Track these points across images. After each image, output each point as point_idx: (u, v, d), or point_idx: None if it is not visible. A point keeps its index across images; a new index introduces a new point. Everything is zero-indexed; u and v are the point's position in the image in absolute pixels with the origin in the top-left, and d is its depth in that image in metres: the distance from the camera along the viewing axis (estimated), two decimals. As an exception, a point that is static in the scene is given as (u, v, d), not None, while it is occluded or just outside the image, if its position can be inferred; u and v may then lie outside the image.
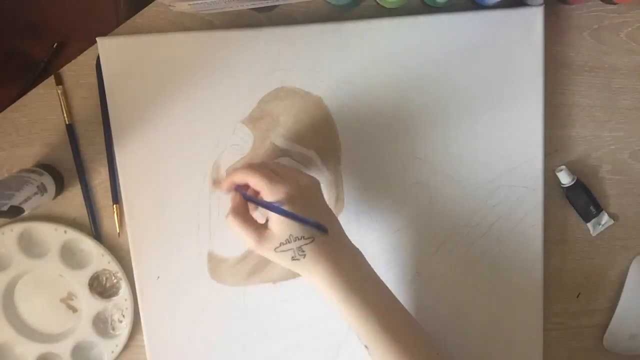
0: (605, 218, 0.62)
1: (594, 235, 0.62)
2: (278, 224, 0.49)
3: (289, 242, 0.49)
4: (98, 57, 0.59)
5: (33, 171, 0.59)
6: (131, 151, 0.60)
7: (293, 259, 0.49)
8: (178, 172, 0.60)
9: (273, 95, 0.59)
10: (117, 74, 0.59)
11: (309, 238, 0.49)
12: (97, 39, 0.58)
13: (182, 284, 0.62)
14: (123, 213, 0.61)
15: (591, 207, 0.61)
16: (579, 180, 0.61)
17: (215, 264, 0.62)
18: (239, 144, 0.60)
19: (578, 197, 0.61)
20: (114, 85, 0.59)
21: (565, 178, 0.60)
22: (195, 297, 0.62)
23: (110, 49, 0.59)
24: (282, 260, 0.50)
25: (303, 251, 0.49)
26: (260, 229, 0.50)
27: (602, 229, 0.62)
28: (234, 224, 0.50)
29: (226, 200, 0.60)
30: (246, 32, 0.58)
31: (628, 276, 0.63)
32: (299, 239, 0.48)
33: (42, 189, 0.58)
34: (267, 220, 0.50)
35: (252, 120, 0.60)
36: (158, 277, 0.61)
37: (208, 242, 0.61)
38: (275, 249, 0.49)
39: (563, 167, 0.60)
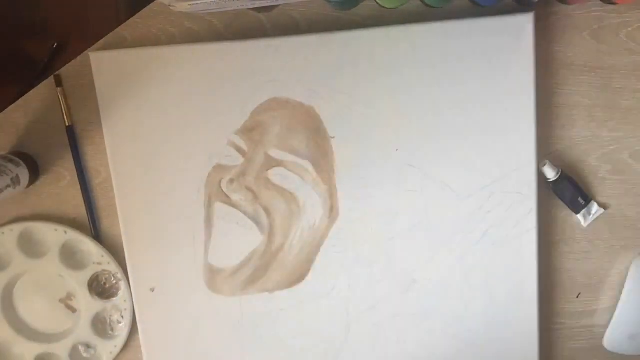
0: (595, 208, 0.62)
1: (585, 226, 0.62)
2: None
3: None
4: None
5: (10, 160, 0.57)
6: (125, 164, 0.60)
7: None
8: (173, 184, 0.60)
9: (266, 106, 0.59)
10: (110, 88, 0.59)
11: None
12: (89, 53, 0.59)
13: (179, 295, 0.62)
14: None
15: (579, 199, 0.61)
16: (563, 172, 0.60)
17: (211, 275, 0.61)
18: (232, 155, 0.60)
19: (565, 189, 0.61)
20: (107, 99, 0.59)
21: (549, 172, 0.60)
22: (192, 308, 0.62)
23: (102, 63, 0.59)
24: None
25: None
26: None
27: (593, 218, 0.62)
28: None
29: (223, 212, 0.60)
30: (238, 44, 0.58)
31: (628, 276, 0.63)
32: None
33: (16, 182, 0.56)
34: None
35: (246, 131, 0.60)
36: (154, 289, 0.61)
37: (204, 253, 0.61)
38: None
39: (546, 161, 0.60)
